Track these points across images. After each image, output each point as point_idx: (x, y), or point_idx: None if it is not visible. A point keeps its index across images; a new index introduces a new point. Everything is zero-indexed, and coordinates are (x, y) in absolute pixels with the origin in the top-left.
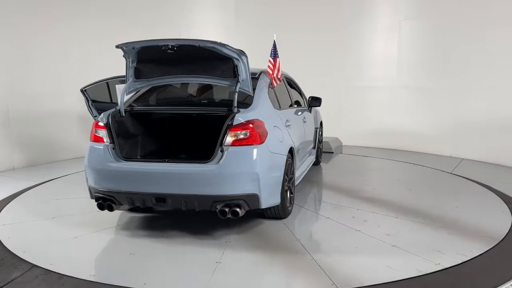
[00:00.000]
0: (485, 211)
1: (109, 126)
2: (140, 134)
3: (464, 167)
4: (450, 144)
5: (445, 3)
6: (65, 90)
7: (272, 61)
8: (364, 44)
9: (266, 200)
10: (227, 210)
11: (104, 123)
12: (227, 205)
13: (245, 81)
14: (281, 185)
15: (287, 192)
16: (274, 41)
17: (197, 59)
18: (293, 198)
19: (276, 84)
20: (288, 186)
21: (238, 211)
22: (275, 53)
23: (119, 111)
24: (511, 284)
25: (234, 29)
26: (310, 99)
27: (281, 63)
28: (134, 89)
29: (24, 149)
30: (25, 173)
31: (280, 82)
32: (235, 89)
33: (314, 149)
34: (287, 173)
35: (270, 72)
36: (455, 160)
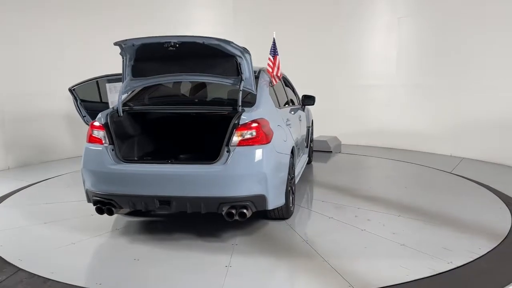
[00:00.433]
0: (485, 210)
1: (108, 126)
2: (138, 135)
3: (464, 166)
4: (450, 143)
5: (444, 0)
6: (58, 90)
7: (272, 59)
8: (362, 42)
9: (273, 201)
10: (234, 212)
11: (103, 123)
12: (233, 206)
13: (248, 79)
14: (285, 185)
15: (289, 192)
16: (274, 38)
17: (198, 57)
18: (294, 198)
19: (275, 82)
20: (290, 186)
21: (245, 212)
22: (274, 50)
23: (116, 110)
24: None
25: (232, 26)
26: (303, 97)
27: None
28: (131, 88)
29: (18, 149)
30: (19, 173)
31: (280, 80)
32: (239, 88)
33: (306, 148)
34: (289, 172)
35: (270, 70)
36: (455, 159)
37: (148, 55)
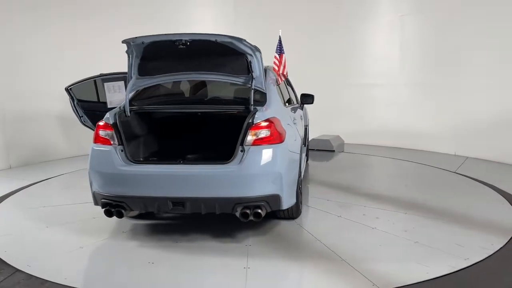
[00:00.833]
0: (490, 208)
1: (117, 126)
2: (144, 135)
3: (468, 166)
4: (454, 142)
5: None
6: (59, 90)
7: (278, 57)
8: (365, 40)
9: (287, 200)
10: (249, 213)
11: (111, 123)
12: (247, 207)
13: (259, 77)
14: (297, 184)
15: (299, 191)
16: (280, 36)
17: (208, 55)
18: (301, 198)
19: (281, 81)
20: (299, 185)
21: (261, 213)
22: (280, 49)
23: (124, 110)
24: None
25: (233, 25)
26: (302, 96)
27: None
28: (138, 87)
29: (20, 148)
30: (21, 173)
31: (286, 78)
32: (251, 86)
33: (304, 146)
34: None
35: (276, 68)
36: (459, 158)
37: (156, 53)
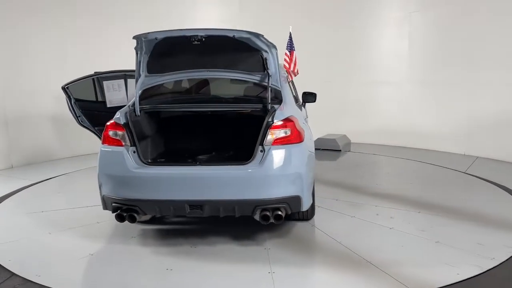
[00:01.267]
0: (502, 208)
1: (129, 126)
2: (154, 135)
3: (478, 166)
4: (464, 141)
5: None
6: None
7: (289, 54)
8: (373, 37)
9: (307, 201)
10: (269, 215)
11: (122, 123)
12: (266, 209)
13: (275, 75)
14: (313, 185)
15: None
16: (290, 33)
17: (222, 51)
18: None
19: (291, 78)
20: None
21: (282, 215)
22: (291, 45)
23: (133, 110)
24: None
25: (238, 22)
26: (304, 94)
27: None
28: (147, 85)
29: (22, 148)
30: (22, 172)
31: (296, 76)
32: (268, 84)
33: None
34: None
35: (287, 65)
36: (469, 158)
37: (168, 50)
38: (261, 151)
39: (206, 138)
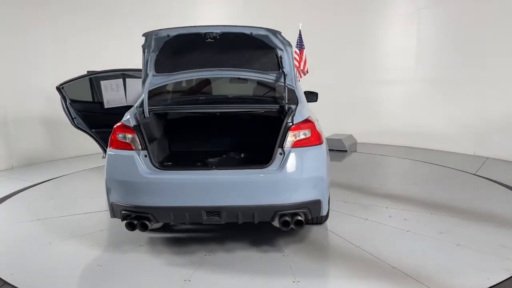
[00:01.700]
0: None
1: (140, 129)
2: (162, 138)
3: (489, 167)
4: (474, 141)
5: None
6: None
7: (298, 52)
8: (380, 34)
9: (326, 205)
10: (289, 221)
11: (132, 125)
12: (286, 214)
13: (290, 74)
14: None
15: None
16: (300, 31)
17: (235, 49)
18: None
19: (301, 77)
20: None
21: (303, 220)
22: (301, 43)
23: (142, 111)
24: None
25: (242, 20)
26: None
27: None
28: (154, 85)
29: (22, 148)
30: (22, 173)
31: (305, 74)
32: (284, 84)
33: None
34: None
35: (296, 64)
36: (479, 159)
37: (178, 48)
38: (280, 153)
39: (215, 140)
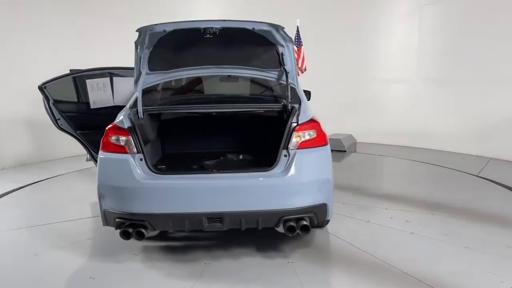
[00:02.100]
0: None
1: (134, 131)
2: (156, 139)
3: (492, 168)
4: (477, 141)
5: None
6: None
7: (296, 49)
8: (381, 31)
9: (332, 209)
10: (295, 226)
11: (127, 127)
12: (290, 220)
13: (291, 72)
14: None
15: None
16: (298, 27)
17: (235, 46)
18: None
19: (298, 75)
20: None
21: (309, 225)
22: (298, 40)
23: (136, 112)
24: None
25: (235, 16)
26: None
27: None
28: (147, 83)
29: (14, 149)
30: (13, 174)
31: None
32: (287, 82)
33: None
34: None
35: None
36: (482, 159)
37: (174, 44)
38: (285, 155)
39: (211, 141)
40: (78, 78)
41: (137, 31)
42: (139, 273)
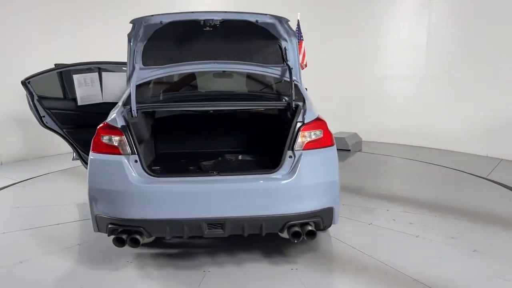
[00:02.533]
0: None
1: (128, 130)
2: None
3: (502, 170)
4: (487, 142)
5: None
6: None
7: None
8: (387, 27)
9: (338, 213)
10: (300, 231)
11: (120, 126)
12: (295, 225)
13: (295, 68)
14: None
15: None
16: (298, 21)
17: (235, 39)
18: None
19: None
20: None
21: (315, 231)
22: (299, 35)
23: (130, 110)
24: None
25: (233, 8)
26: None
27: None
28: (141, 79)
29: (11, 144)
30: (9, 170)
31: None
32: (291, 78)
33: None
34: None
35: None
36: (492, 160)
37: (170, 38)
38: (290, 156)
39: (207, 140)
40: (65, 73)
41: (131, 22)
42: (135, 280)
